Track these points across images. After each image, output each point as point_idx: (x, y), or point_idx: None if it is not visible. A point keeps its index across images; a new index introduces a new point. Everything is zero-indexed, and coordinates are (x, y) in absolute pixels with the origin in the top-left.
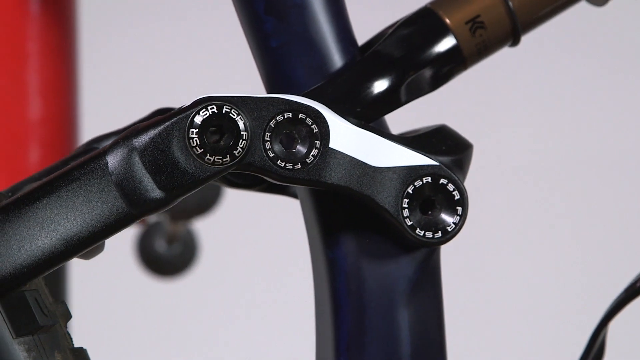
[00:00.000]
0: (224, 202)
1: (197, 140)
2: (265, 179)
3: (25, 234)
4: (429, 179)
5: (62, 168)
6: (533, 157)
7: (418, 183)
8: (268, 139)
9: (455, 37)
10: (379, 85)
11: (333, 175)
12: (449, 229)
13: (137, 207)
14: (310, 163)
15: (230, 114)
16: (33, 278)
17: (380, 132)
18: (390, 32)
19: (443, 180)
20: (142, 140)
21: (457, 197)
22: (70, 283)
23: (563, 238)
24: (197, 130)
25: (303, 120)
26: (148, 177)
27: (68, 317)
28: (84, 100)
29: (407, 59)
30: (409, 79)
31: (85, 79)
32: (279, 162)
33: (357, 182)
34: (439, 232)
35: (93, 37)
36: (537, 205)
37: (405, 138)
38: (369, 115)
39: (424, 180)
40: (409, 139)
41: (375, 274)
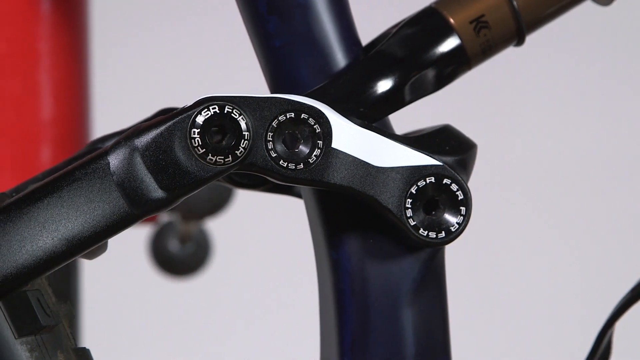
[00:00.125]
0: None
1: (198, 140)
2: (268, 179)
3: (27, 234)
4: (433, 179)
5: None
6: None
7: (421, 183)
8: (270, 139)
9: (460, 36)
10: (383, 85)
11: (336, 176)
12: (453, 229)
13: (138, 207)
14: (313, 163)
15: (232, 114)
16: (34, 278)
17: (383, 132)
18: (394, 31)
19: (446, 181)
20: (144, 140)
21: (460, 197)
22: (83, 283)
23: (569, 238)
24: (199, 130)
25: (305, 120)
26: (150, 177)
27: (71, 317)
28: (95, 100)
29: (411, 59)
30: (413, 79)
31: (97, 79)
32: (281, 162)
33: (360, 182)
34: (443, 232)
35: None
36: (541, 205)
37: (409, 138)
38: (373, 115)
39: (427, 181)
40: (412, 139)
41: (379, 275)
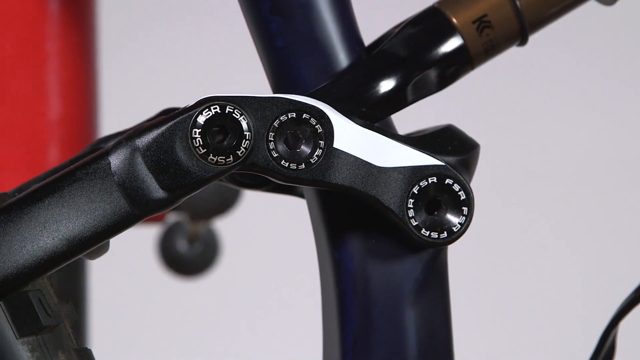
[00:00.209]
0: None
1: (200, 140)
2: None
3: (28, 234)
4: (435, 179)
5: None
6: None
7: (423, 183)
8: (272, 139)
9: (462, 36)
10: (385, 85)
11: (337, 176)
12: (455, 230)
13: (139, 207)
14: (315, 163)
15: (234, 114)
16: (35, 278)
17: (385, 132)
18: (397, 31)
19: (449, 181)
20: (145, 141)
21: (463, 197)
22: (90, 283)
23: (571, 238)
24: (200, 130)
25: (307, 120)
26: (151, 177)
27: (73, 317)
28: (103, 99)
29: (413, 59)
30: (416, 79)
31: (105, 78)
32: (283, 162)
33: (361, 182)
34: (445, 232)
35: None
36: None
37: (411, 138)
38: (375, 115)
39: (430, 181)
40: (415, 139)
41: (382, 275)
